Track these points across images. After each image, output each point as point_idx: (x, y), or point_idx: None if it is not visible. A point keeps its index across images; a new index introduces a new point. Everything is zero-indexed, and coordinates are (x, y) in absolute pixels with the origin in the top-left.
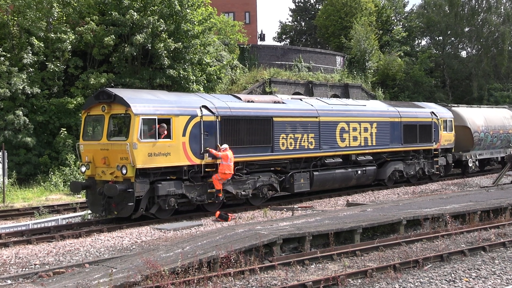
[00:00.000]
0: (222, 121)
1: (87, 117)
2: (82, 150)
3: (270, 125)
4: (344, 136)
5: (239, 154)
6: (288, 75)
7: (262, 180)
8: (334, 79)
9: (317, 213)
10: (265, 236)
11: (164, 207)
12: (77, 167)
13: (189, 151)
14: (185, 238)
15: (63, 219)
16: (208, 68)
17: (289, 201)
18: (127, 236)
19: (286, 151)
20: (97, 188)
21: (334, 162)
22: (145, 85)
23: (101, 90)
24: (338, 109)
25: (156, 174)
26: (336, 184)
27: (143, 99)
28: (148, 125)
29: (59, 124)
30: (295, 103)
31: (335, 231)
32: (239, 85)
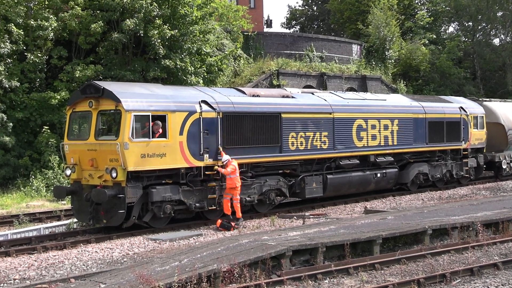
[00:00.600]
0: (224, 118)
1: (72, 113)
2: (67, 151)
3: (278, 122)
4: (362, 134)
5: (243, 155)
6: (298, 66)
7: (269, 184)
8: (350, 71)
9: (331, 222)
10: (272, 247)
11: (159, 215)
12: (62, 170)
13: (187, 152)
14: (183, 249)
15: (46, 228)
16: (208, 58)
17: (299, 207)
18: (118, 247)
19: (296, 152)
20: (84, 194)
21: (351, 163)
22: (137, 77)
23: (88, 83)
24: (355, 104)
25: (150, 178)
26: (352, 189)
27: (135, 94)
28: (141, 123)
29: (41, 122)
30: (306, 98)
31: (351, 242)
32: (243, 77)
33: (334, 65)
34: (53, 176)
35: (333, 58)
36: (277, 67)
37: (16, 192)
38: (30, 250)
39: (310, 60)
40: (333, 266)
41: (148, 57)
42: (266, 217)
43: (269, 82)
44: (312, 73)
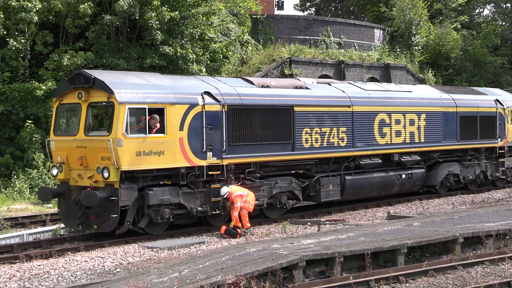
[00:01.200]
0: (230, 111)
1: (59, 106)
2: (54, 148)
3: (291, 116)
4: (385, 130)
5: (251, 153)
6: (313, 54)
7: (280, 186)
8: (372, 58)
9: (350, 228)
10: (283, 256)
11: (156, 220)
12: (47, 169)
13: (188, 149)
14: (183, 259)
15: (30, 234)
16: (211, 44)
17: (314, 212)
18: (110, 256)
19: (310, 150)
20: (72, 196)
21: (372, 163)
22: (132, 66)
23: (77, 72)
24: (377, 96)
25: (146, 179)
26: (374, 192)
27: (130, 84)
28: (136, 117)
29: (24, 115)
30: (322, 89)
31: (372, 251)
32: (250, 65)
33: (353, 52)
34: (37, 176)
35: (353, 44)
36: (289, 55)
37: None
38: (11, 259)
39: (326, 47)
40: (352, 279)
41: (144, 43)
42: (277, 223)
43: (280, 71)
44: (329, 61)
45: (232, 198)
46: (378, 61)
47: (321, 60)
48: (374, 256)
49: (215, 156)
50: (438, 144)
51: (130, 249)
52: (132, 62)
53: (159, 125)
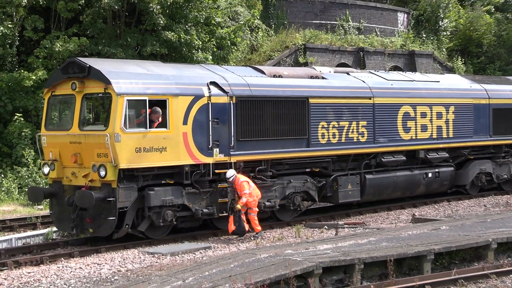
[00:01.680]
0: (238, 104)
1: (51, 98)
2: (45, 144)
3: (305, 109)
4: (409, 124)
5: (262, 150)
6: (330, 40)
7: (294, 186)
8: (395, 45)
9: (371, 232)
10: (298, 263)
11: (157, 223)
12: (38, 167)
13: (193, 146)
14: (187, 265)
15: (19, 239)
16: (218, 30)
17: (331, 215)
18: (107, 262)
19: (327, 146)
20: (66, 197)
21: (395, 160)
22: (131, 54)
23: (70, 60)
24: (401, 87)
25: (146, 177)
26: (397, 192)
27: (128, 73)
28: (136, 109)
29: (12, 108)
30: (340, 79)
31: (396, 257)
32: (261, 53)
33: (374, 39)
34: (27, 174)
35: (374, 29)
36: (304, 41)
37: None
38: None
39: (345, 32)
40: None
41: (144, 29)
42: (290, 227)
43: (293, 59)
44: (347, 48)
45: (239, 183)
46: (401, 48)
47: (339, 47)
48: (398, 263)
49: (222, 153)
50: (469, 139)
51: (129, 254)
52: (130, 50)
53: (161, 119)
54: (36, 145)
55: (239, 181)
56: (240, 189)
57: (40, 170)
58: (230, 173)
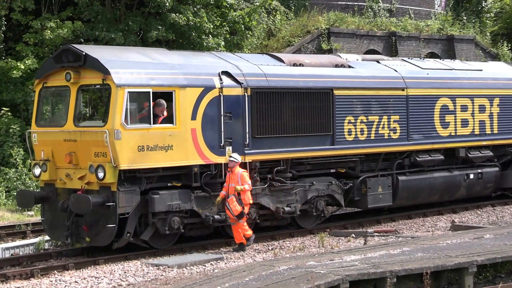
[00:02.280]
0: (254, 96)
1: (42, 90)
2: (36, 142)
3: (330, 101)
4: (448, 119)
5: (280, 148)
6: (358, 23)
7: (317, 189)
8: (431, 29)
9: (404, 242)
10: (321, 276)
11: (163, 231)
12: (28, 168)
13: (202, 143)
14: (196, 279)
15: (6, 249)
16: (231, 13)
17: (359, 221)
18: (106, 276)
19: (354, 143)
20: (59, 201)
21: (432, 160)
22: (133, 40)
23: (64, 47)
24: (438, 77)
25: (150, 180)
26: (434, 196)
27: (130, 62)
28: (138, 103)
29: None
30: (369, 67)
31: (433, 270)
32: (279, 39)
33: (408, 22)
34: (16, 176)
35: (407, 11)
36: (328, 25)
37: None
38: None
39: (374, 15)
40: None
41: (148, 11)
42: (313, 235)
43: (316, 45)
44: (377, 32)
45: (240, 173)
46: (439, 32)
47: (368, 32)
48: (435, 276)
49: (235, 152)
50: None
51: (131, 267)
52: (132, 35)
53: (166, 113)
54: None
55: (240, 171)
56: (241, 179)
57: (31, 171)
58: (236, 156)
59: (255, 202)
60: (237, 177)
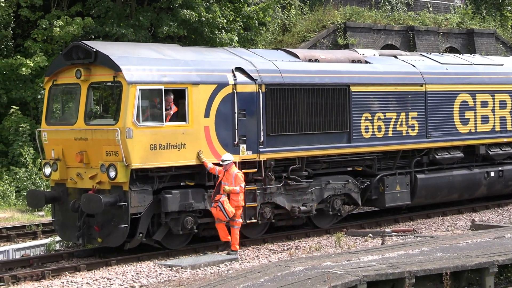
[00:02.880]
0: (268, 93)
1: (52, 87)
2: (46, 141)
3: (346, 98)
4: (467, 115)
5: (295, 146)
6: (375, 18)
7: (333, 188)
8: (450, 23)
9: (423, 241)
10: (338, 277)
11: (176, 231)
12: (38, 167)
13: (216, 141)
14: (210, 280)
15: (16, 250)
16: (245, 8)
17: (376, 221)
18: (118, 277)
19: (371, 141)
20: (70, 201)
21: (451, 157)
22: (144, 35)
23: (74, 44)
24: (458, 72)
25: (163, 179)
26: (454, 194)
27: (141, 59)
28: (150, 100)
29: (8, 100)
30: (386, 63)
31: (452, 270)
32: (294, 34)
33: (426, 16)
34: (26, 176)
35: (425, 5)
36: (344, 19)
37: None
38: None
39: (391, 9)
40: None
41: (159, 7)
42: (329, 235)
43: (332, 40)
44: (395, 27)
45: (235, 173)
46: (458, 26)
47: (385, 26)
48: (455, 276)
49: (250, 150)
50: None
51: (143, 268)
52: (142, 31)
53: (175, 107)
54: (35, 142)
55: (235, 171)
56: (235, 180)
57: (41, 171)
58: (228, 156)
59: (270, 201)
60: (231, 177)
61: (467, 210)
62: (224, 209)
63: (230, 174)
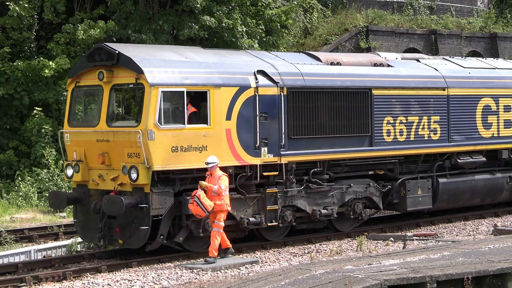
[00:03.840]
0: (290, 96)
1: (75, 89)
2: (68, 142)
3: (368, 101)
4: (490, 119)
5: (317, 149)
6: (397, 21)
7: (355, 191)
8: (473, 27)
9: (445, 246)
10: (359, 281)
11: (197, 234)
12: (60, 168)
13: (237, 144)
14: (231, 283)
15: (38, 251)
16: (267, 11)
17: (398, 225)
18: (139, 278)
19: (393, 145)
20: (92, 203)
21: (473, 162)
22: (165, 39)
23: (97, 46)
24: (481, 76)
25: (184, 181)
26: (476, 199)
27: (163, 61)
28: (172, 102)
29: (30, 101)
30: (409, 66)
31: (474, 275)
32: (316, 37)
33: (449, 19)
34: (48, 177)
35: (448, 8)
36: (366, 23)
37: None
38: (16, 282)
39: (414, 12)
40: None
41: (181, 10)
42: (350, 238)
43: (354, 44)
44: (417, 30)
45: (219, 175)
46: (481, 30)
47: (407, 30)
48: (477, 281)
49: (271, 153)
50: None
51: (164, 269)
52: (164, 35)
53: (192, 108)
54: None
55: (220, 172)
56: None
57: (63, 172)
58: (212, 158)
59: (291, 204)
60: (215, 180)
61: (489, 215)
62: (201, 203)
63: (214, 177)
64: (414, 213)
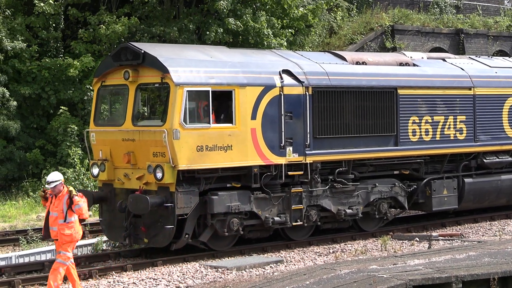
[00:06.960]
0: (315, 95)
1: (101, 88)
2: (94, 142)
3: (393, 101)
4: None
5: (342, 149)
6: (423, 21)
7: (380, 191)
8: (501, 26)
9: (470, 246)
10: (384, 281)
11: (222, 233)
12: (86, 167)
13: (262, 143)
14: (256, 282)
15: None
16: (293, 11)
17: (423, 225)
18: (164, 277)
19: (419, 144)
20: (117, 202)
21: (500, 162)
22: (188, 38)
23: (122, 45)
24: (507, 75)
25: (209, 180)
26: (502, 199)
27: (189, 60)
28: (197, 102)
29: (56, 100)
30: (435, 66)
31: (500, 276)
32: (341, 36)
33: (476, 18)
34: (74, 176)
35: (475, 7)
36: (392, 22)
37: (22, 198)
38: (42, 280)
39: (440, 12)
40: None
41: (206, 10)
42: (375, 238)
43: (379, 43)
44: (443, 30)
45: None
46: (508, 29)
47: (433, 29)
48: (503, 282)
49: (296, 152)
50: None
51: (189, 268)
52: (187, 33)
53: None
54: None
55: (71, 193)
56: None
57: (89, 171)
58: (55, 176)
59: (315, 203)
60: (61, 204)
61: None
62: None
63: (60, 200)
64: (440, 213)
